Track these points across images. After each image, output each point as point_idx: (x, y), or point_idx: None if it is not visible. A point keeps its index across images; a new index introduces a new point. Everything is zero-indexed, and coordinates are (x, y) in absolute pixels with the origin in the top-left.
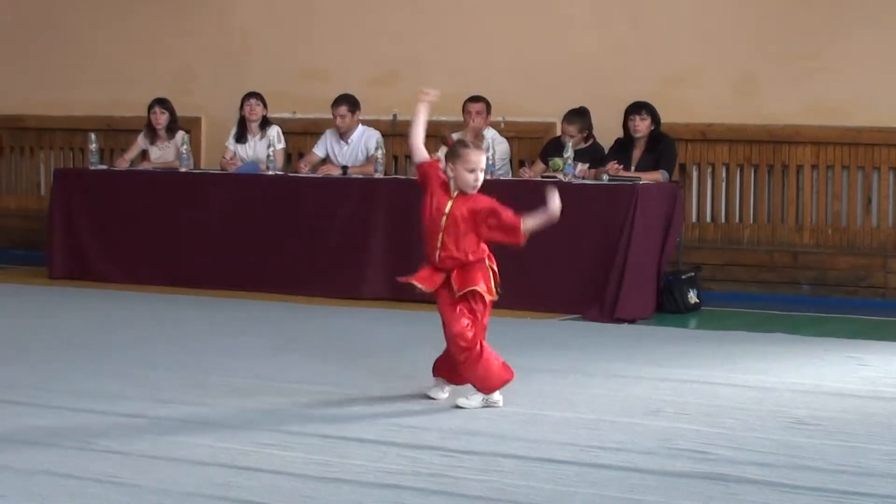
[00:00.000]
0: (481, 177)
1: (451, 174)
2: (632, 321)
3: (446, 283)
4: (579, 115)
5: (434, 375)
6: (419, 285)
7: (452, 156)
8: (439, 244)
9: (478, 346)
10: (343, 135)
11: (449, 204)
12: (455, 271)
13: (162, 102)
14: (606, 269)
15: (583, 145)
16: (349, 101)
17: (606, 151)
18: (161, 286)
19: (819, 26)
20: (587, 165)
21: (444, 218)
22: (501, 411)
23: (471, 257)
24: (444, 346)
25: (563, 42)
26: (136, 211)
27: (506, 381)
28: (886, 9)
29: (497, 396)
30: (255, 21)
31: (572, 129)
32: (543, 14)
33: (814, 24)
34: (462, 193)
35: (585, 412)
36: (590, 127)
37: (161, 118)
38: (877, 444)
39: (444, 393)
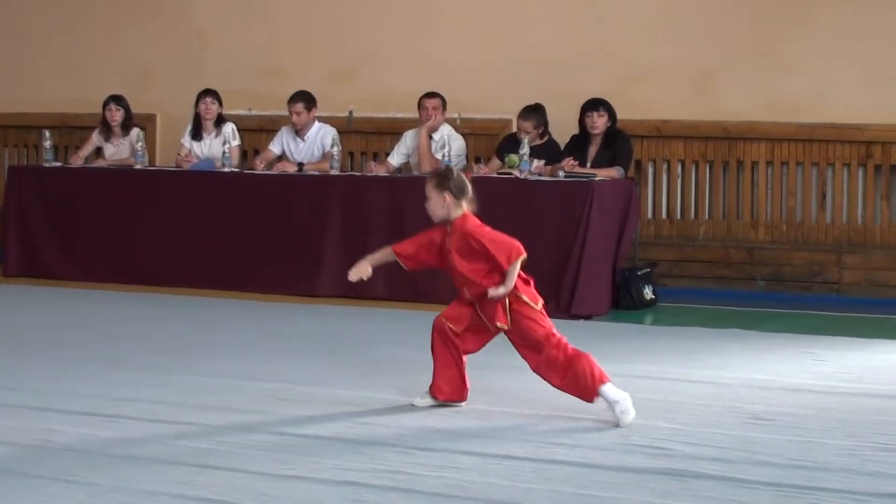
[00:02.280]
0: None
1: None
2: (588, 317)
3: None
4: (535, 112)
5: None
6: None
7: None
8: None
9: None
10: (299, 132)
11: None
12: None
13: (117, 99)
14: (562, 265)
15: (539, 142)
16: (305, 98)
17: (562, 148)
18: (117, 284)
19: (774, 25)
20: (543, 162)
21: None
22: (458, 409)
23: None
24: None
25: (519, 39)
26: (91, 208)
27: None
28: (840, 8)
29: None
30: (211, 18)
31: (528, 125)
32: (500, 11)
33: (769, 22)
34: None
35: (542, 409)
36: (545, 123)
37: (116, 115)
38: (832, 438)
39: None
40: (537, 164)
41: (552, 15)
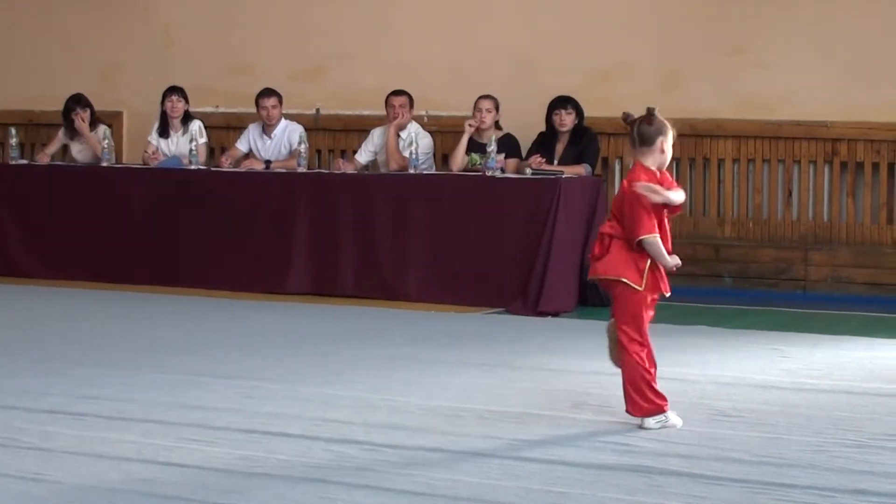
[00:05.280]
0: None
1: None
2: (555, 314)
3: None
4: (489, 96)
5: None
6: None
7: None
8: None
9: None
10: (268, 128)
11: None
12: None
13: (79, 101)
14: (530, 262)
15: (498, 133)
16: (277, 94)
17: (530, 145)
18: (84, 281)
19: (742, 22)
20: (503, 155)
21: None
22: (426, 405)
23: None
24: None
25: (486, 36)
26: (58, 206)
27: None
28: (808, 5)
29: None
30: (178, 15)
31: (488, 103)
32: (467, 8)
33: (737, 19)
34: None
35: (510, 405)
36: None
37: (85, 116)
38: (798, 435)
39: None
40: (499, 158)
41: (519, 12)
